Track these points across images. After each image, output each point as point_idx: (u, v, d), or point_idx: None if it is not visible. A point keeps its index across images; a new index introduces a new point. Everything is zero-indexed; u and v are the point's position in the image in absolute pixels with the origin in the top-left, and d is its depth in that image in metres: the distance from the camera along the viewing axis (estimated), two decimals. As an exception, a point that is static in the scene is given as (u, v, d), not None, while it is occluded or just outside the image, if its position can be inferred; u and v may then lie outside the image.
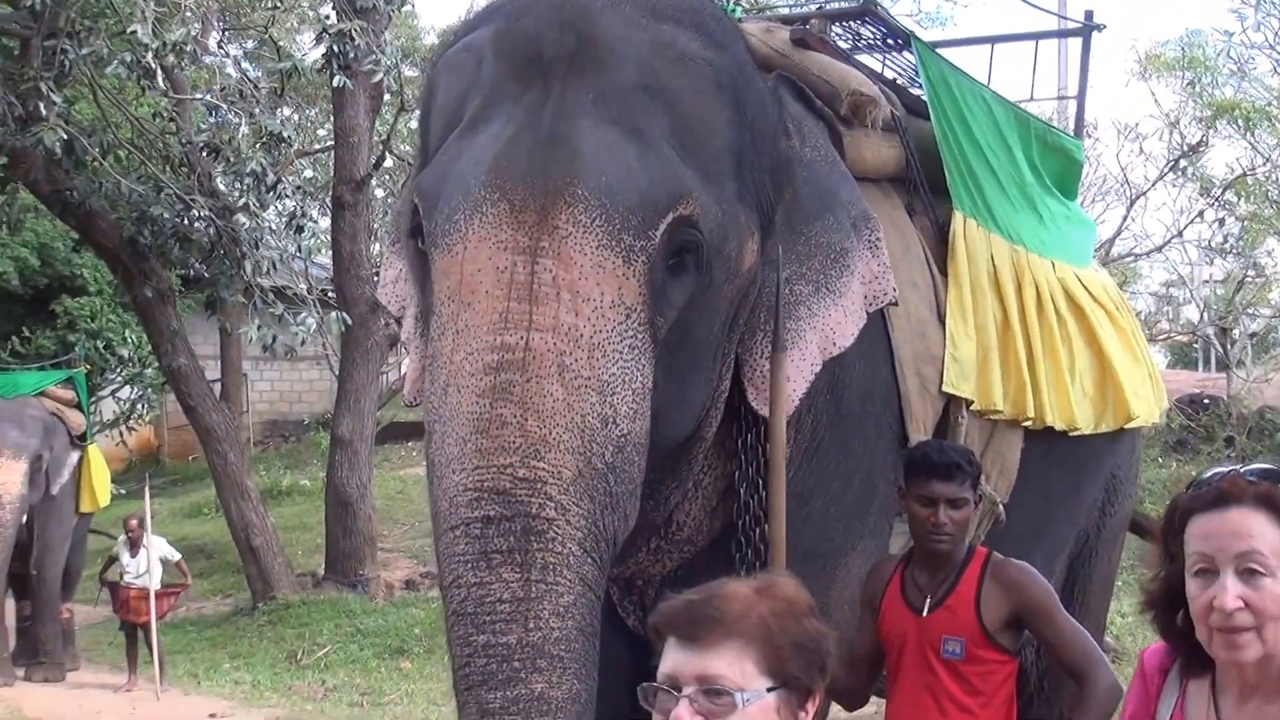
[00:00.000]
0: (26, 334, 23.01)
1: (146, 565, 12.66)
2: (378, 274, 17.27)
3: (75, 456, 13.63)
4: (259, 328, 14.80)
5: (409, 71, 19.51)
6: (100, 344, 22.71)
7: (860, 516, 4.24)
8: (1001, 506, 4.60)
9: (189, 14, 15.10)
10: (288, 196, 15.66)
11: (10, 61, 14.26)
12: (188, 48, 14.12)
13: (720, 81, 3.48)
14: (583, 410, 3.05)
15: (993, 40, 7.50)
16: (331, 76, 14.55)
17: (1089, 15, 6.89)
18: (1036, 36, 8.35)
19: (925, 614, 3.83)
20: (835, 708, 4.37)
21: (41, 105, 13.59)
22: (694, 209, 3.24)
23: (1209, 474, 2.36)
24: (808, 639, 1.85)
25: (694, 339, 3.42)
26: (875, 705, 4.56)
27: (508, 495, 2.95)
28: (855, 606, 4.15)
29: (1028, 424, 4.89)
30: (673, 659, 1.83)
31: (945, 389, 4.44)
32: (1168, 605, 2.31)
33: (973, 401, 4.55)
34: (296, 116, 21.06)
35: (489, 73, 3.45)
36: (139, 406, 24.35)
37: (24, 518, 12.56)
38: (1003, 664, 3.87)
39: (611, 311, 3.10)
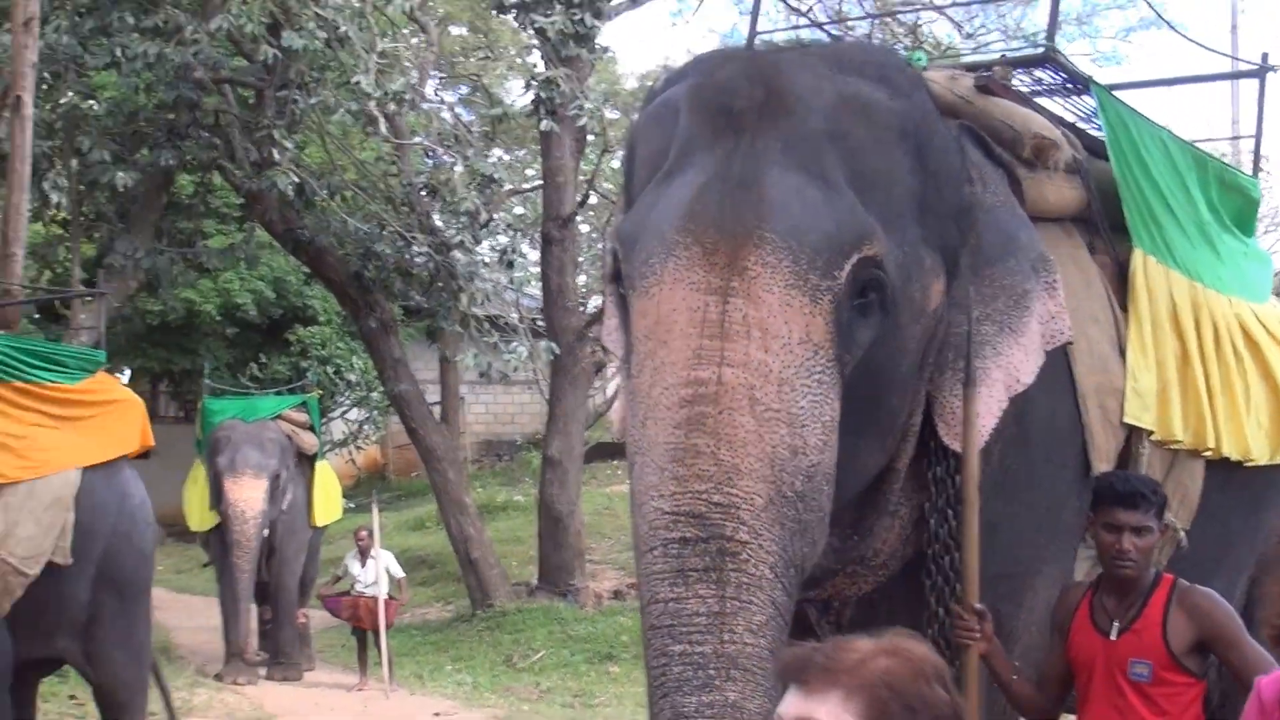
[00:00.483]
0: (263, 361, 24.03)
1: (375, 575, 13.16)
2: (584, 305, 17.68)
3: (308, 475, 14.23)
4: (475, 355, 15.39)
5: (610, 114, 19.78)
6: (330, 370, 23.53)
7: (1046, 543, 4.19)
8: (1184, 534, 4.54)
9: (408, 64, 15.88)
10: (500, 233, 16.23)
11: (246, 111, 15.01)
12: (407, 96, 14.82)
13: (903, 130, 3.50)
14: (773, 441, 3.05)
15: (1169, 82, 7.52)
16: (539, 121, 15.10)
17: (1264, 57, 6.70)
18: (1212, 79, 8.48)
19: (1113, 637, 3.80)
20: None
21: (275, 151, 14.34)
22: (878, 250, 3.24)
23: None
24: (922, 702, 1.75)
25: (883, 376, 3.43)
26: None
27: (703, 519, 2.97)
28: (1043, 629, 4.13)
29: (1207, 454, 4.79)
30: (784, 701, 1.81)
31: (1126, 420, 4.37)
32: None
33: (1153, 432, 4.48)
34: (507, 158, 21.50)
35: (685, 125, 3.49)
36: (366, 428, 25.09)
37: (265, 531, 13.01)
38: (1189, 686, 3.81)
39: (799, 348, 3.11)
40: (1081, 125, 5.18)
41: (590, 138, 18.90)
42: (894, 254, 3.30)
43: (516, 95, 21.15)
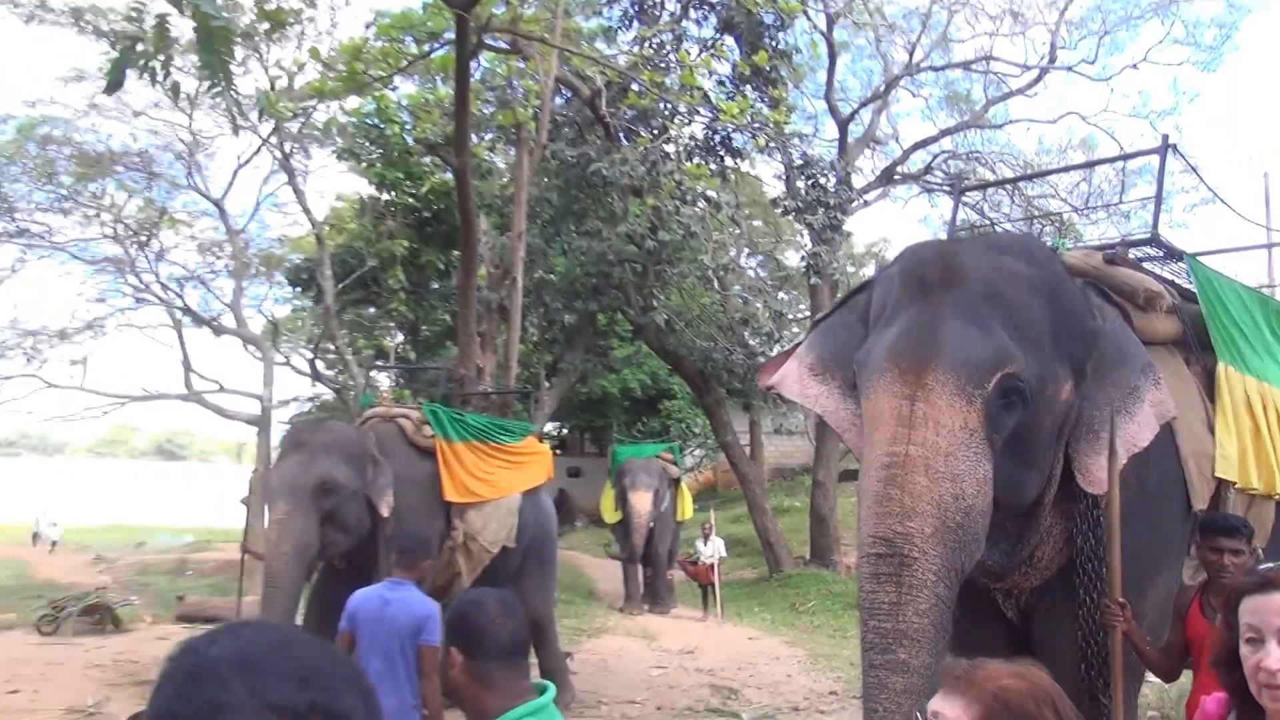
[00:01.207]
0: (644, 421, 24.78)
1: (712, 550, 13.33)
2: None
3: (673, 490, 14.34)
4: (770, 418, 15.56)
5: (850, 269, 19.43)
6: (684, 426, 24.14)
7: (1160, 556, 3.97)
8: (1261, 552, 4.19)
9: (729, 243, 16.27)
10: (787, 345, 16.31)
11: (636, 277, 15.33)
12: (729, 266, 15.24)
13: (1039, 287, 3.36)
14: (939, 492, 3.00)
15: (1236, 250, 7.35)
16: (810, 279, 15.26)
17: (1164, 138, 6.07)
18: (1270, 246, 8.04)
19: (1216, 623, 3.50)
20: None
21: (654, 300, 14.98)
22: (1017, 369, 3.14)
23: (1261, 567, 2.13)
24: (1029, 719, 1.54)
25: (1030, 443, 3.29)
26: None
27: (890, 541, 2.97)
28: (1161, 615, 3.95)
29: (1277, 498, 4.59)
30: (934, 698, 1.64)
31: (1217, 475, 4.18)
32: (1228, 665, 2.04)
33: (1236, 483, 4.27)
34: (786, 298, 21.51)
35: (895, 291, 3.46)
36: (704, 461, 25.55)
37: (650, 524, 13.30)
38: None
39: (960, 432, 3.06)
40: (1179, 281, 4.93)
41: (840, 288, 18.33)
42: (1033, 368, 3.20)
43: (794, 262, 21.11)
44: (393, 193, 17.21)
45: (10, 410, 20.66)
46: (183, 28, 5.05)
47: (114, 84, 5.10)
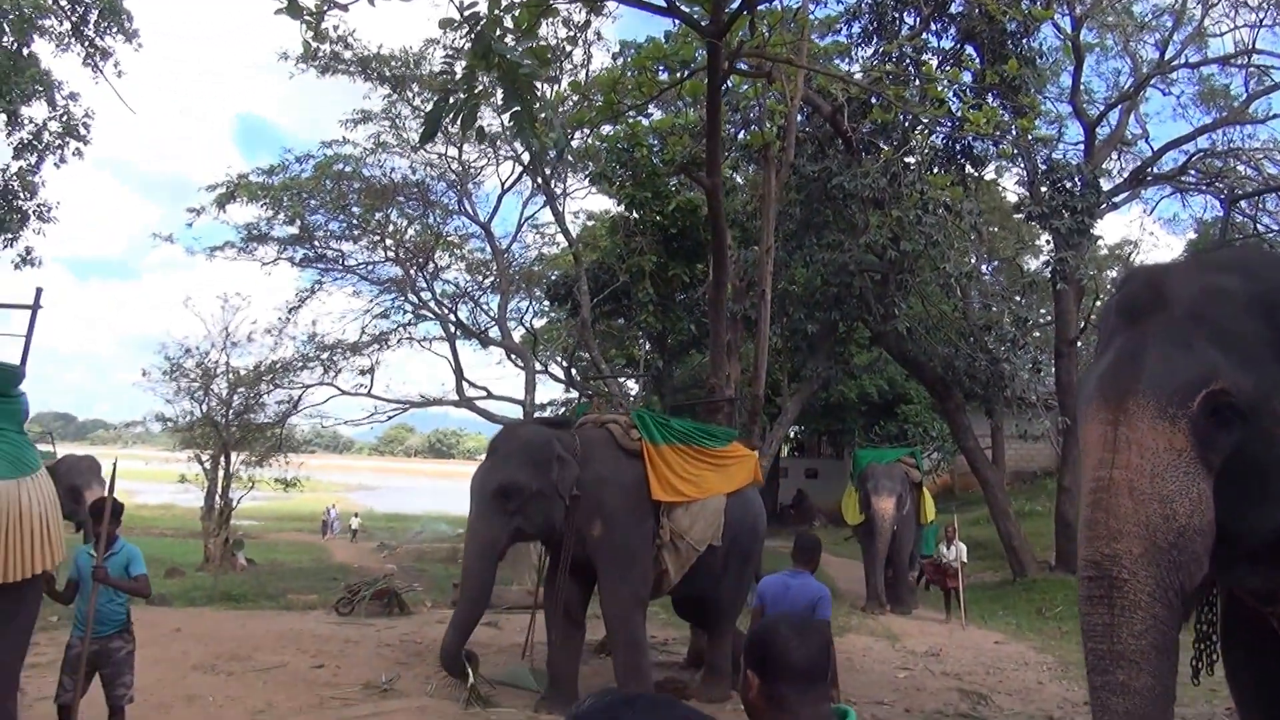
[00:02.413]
0: (881, 425, 24.56)
1: (955, 554, 13.14)
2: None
3: (915, 494, 14.17)
4: (1016, 425, 15.09)
5: (1091, 271, 18.60)
6: (921, 430, 23.71)
7: None
8: None
9: (970, 250, 15.94)
10: (1030, 350, 15.86)
11: (876, 287, 15.35)
12: (971, 272, 14.94)
13: (1256, 301, 3.17)
14: (1146, 513, 2.93)
15: None
16: (1054, 284, 14.71)
17: None
18: None
19: None
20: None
21: (895, 308, 14.91)
22: (1225, 384, 3.01)
23: None
24: None
25: (1261, 461, 3.09)
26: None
27: (1099, 564, 2.94)
28: None
29: None
30: None
31: None
32: None
33: None
34: (1029, 304, 20.68)
35: (1111, 320, 3.43)
36: (941, 464, 24.94)
37: (894, 527, 13.28)
38: None
39: (1166, 453, 2.97)
40: None
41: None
42: (1248, 384, 3.02)
43: (1035, 268, 20.27)
44: (641, 211, 17.98)
45: (309, 415, 23.17)
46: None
47: (429, 134, 5.72)
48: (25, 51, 13.72)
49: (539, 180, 21.54)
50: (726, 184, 15.96)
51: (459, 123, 5.39)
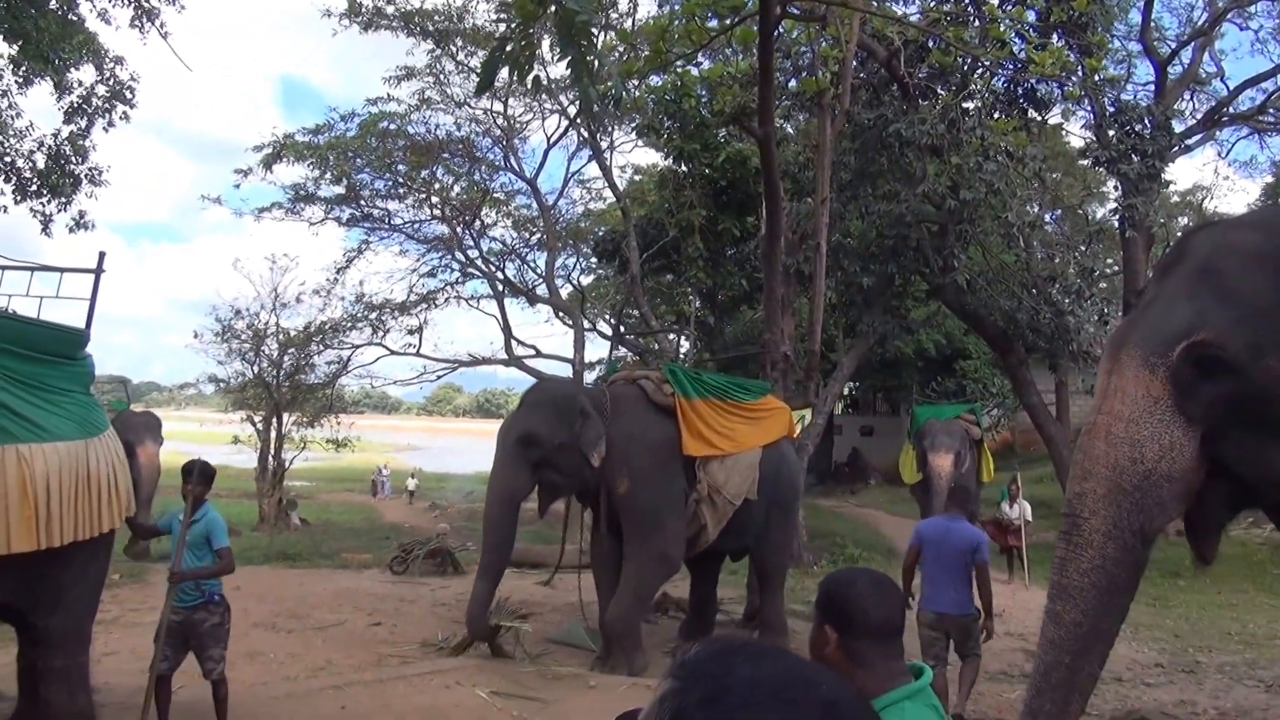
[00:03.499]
0: (939, 380, 24.21)
1: (1018, 513, 12.98)
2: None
3: (975, 452, 13.65)
4: (1081, 380, 14.79)
5: (1162, 219, 18.05)
6: (980, 386, 23.30)
7: None
8: None
9: (1033, 199, 15.55)
10: (1097, 302, 15.49)
11: (933, 239, 15.11)
12: (1034, 221, 14.60)
13: (1263, 259, 3.20)
14: (1115, 455, 3.15)
15: None
16: (1122, 232, 14.35)
17: None
18: None
19: None
20: None
21: (954, 260, 14.65)
22: (1208, 336, 3.10)
23: None
24: None
25: (1259, 412, 3.12)
26: None
27: (1070, 502, 3.25)
28: None
29: None
30: None
31: None
32: None
33: None
34: (1091, 253, 20.19)
35: (1153, 276, 3.63)
36: (1001, 421, 24.53)
37: (951, 485, 12.42)
38: None
39: (1143, 400, 3.14)
40: None
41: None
42: (1241, 337, 3.09)
43: (1101, 214, 19.75)
44: (690, 164, 17.84)
45: (358, 375, 23.54)
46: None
47: (485, 84, 5.70)
48: (72, 16, 13.91)
49: (585, 134, 21.49)
50: (778, 134, 15.75)
51: (514, 73, 5.36)
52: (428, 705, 6.22)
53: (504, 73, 5.32)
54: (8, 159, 13.60)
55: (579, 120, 21.33)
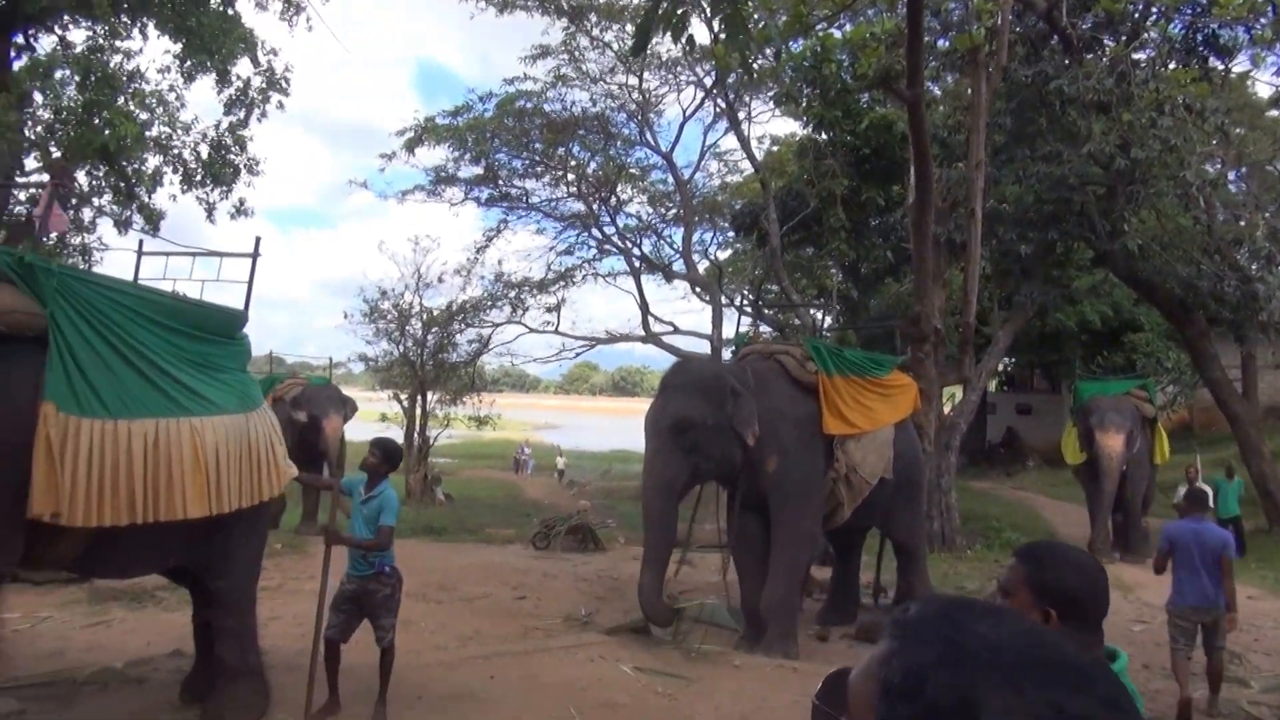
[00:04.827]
0: (1104, 355, 23.15)
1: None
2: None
3: (1147, 431, 13.19)
4: (1272, 353, 13.83)
5: None
6: (1153, 360, 22.15)
7: None
8: None
9: (1215, 155, 14.58)
10: (1290, 267, 14.40)
11: (1100, 200, 14.35)
12: (1216, 180, 13.67)
13: None
14: None
15: None
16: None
17: None
18: None
19: None
20: None
21: (1124, 224, 13.90)
22: None
23: None
24: None
25: None
26: None
27: None
28: None
29: None
30: None
31: None
32: None
33: None
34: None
35: None
36: (1177, 398, 23.29)
37: (1122, 466, 12.53)
38: None
39: None
40: None
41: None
42: None
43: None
44: (831, 132, 17.56)
45: (498, 353, 24.19)
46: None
47: (640, 45, 5.80)
48: (230, 11, 14.83)
49: (723, 105, 21.43)
50: (926, 96, 15.27)
51: (668, 33, 5.44)
52: (573, 678, 6.39)
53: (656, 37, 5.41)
54: (174, 151, 14.58)
55: (715, 91, 21.32)
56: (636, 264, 24.52)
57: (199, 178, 14.76)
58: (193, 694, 5.55)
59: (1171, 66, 13.41)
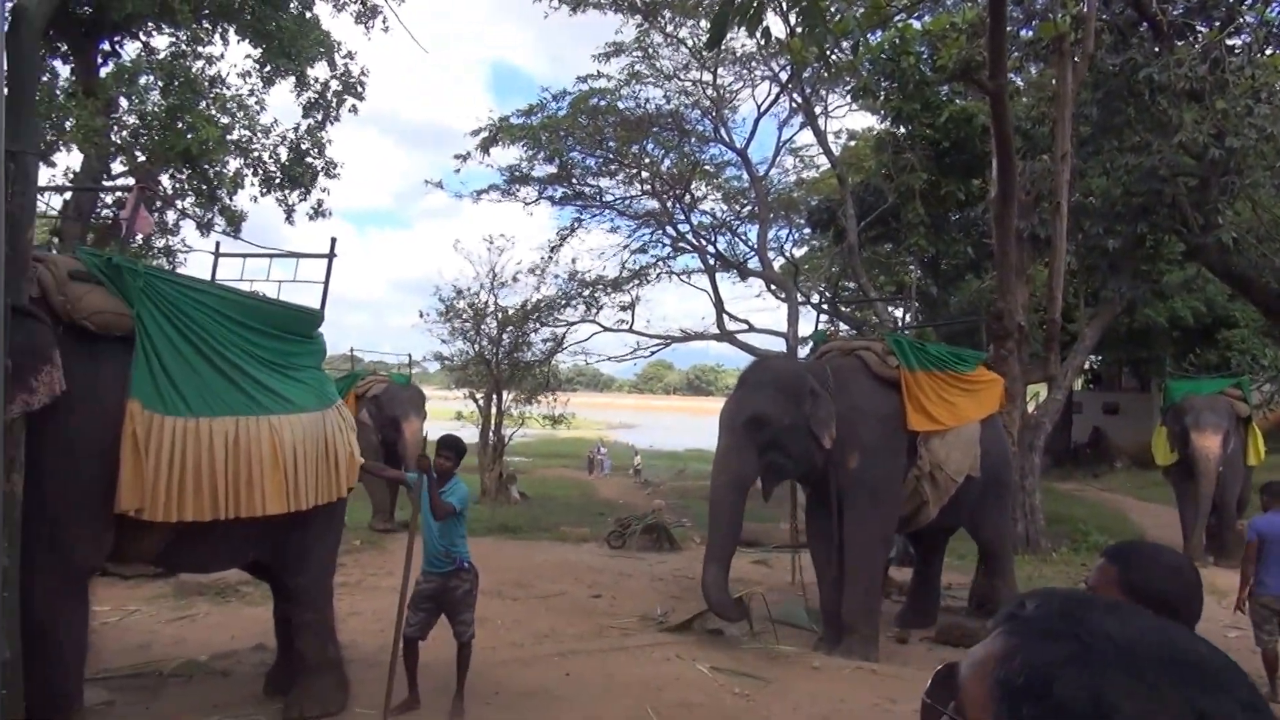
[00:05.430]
0: (1197, 353, 22.29)
1: None
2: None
3: (1242, 431, 12.60)
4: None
5: None
6: (1248, 359, 21.30)
7: None
8: None
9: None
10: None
11: (1192, 192, 13.72)
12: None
13: None
14: None
15: None
16: None
17: None
18: None
19: None
20: None
21: (1218, 217, 13.37)
22: None
23: None
24: None
25: None
26: None
27: None
28: None
29: None
30: None
31: None
32: None
33: None
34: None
35: None
36: (1274, 397, 22.39)
37: (1219, 468, 11.89)
38: None
39: None
40: None
41: None
42: None
43: None
44: (910, 125, 17.18)
45: (572, 352, 24.31)
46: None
47: (715, 39, 5.74)
48: (308, 15, 15.15)
49: (799, 100, 21.19)
50: (1009, 87, 14.87)
51: (743, 27, 5.28)
52: (649, 677, 6.36)
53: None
54: (254, 154, 14.96)
55: (791, 86, 21.09)
56: (711, 262, 24.41)
57: (278, 180, 15.10)
58: (276, 687, 5.66)
59: (1269, 52, 12.93)
